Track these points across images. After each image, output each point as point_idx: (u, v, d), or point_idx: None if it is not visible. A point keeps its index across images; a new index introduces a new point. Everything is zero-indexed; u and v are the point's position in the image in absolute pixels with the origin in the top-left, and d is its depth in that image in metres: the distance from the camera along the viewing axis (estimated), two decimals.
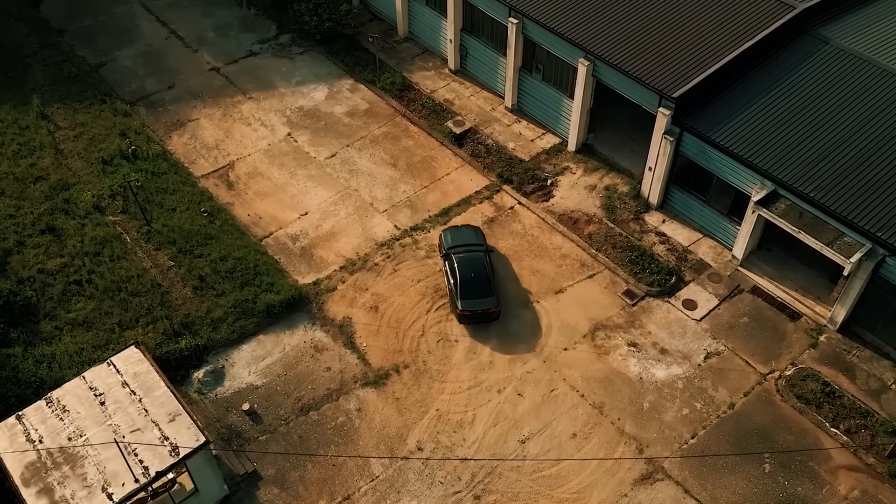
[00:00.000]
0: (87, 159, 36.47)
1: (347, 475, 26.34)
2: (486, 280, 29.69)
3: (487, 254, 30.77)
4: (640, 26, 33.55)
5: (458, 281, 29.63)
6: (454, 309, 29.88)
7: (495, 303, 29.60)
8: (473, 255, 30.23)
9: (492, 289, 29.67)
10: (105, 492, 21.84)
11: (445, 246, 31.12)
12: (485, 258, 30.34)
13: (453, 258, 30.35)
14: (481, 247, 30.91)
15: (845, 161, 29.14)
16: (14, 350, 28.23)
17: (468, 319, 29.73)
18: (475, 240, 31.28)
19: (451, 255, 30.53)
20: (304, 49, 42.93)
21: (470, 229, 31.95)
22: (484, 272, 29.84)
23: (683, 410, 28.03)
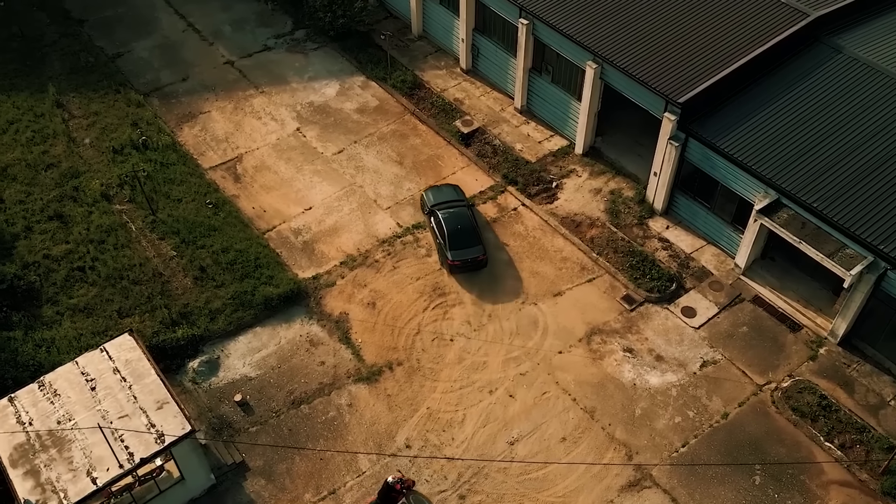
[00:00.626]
0: (98, 148, 36.98)
1: (334, 469, 26.46)
2: (472, 231, 31.48)
3: (470, 208, 32.73)
4: (650, 30, 33.29)
5: (446, 234, 31.23)
6: (444, 261, 31.59)
7: (482, 251, 31.40)
8: (457, 210, 31.98)
9: (478, 238, 31.53)
10: (90, 476, 22.14)
11: (429, 203, 32.77)
12: (468, 212, 32.13)
13: (438, 214, 31.93)
14: (463, 202, 32.71)
15: (852, 172, 28.69)
16: (15, 333, 28.71)
17: (458, 269, 31.39)
18: (457, 196, 32.96)
19: (435, 211, 32.16)
20: (318, 45, 43.17)
21: (450, 187, 33.62)
22: (469, 224, 31.62)
23: (676, 418, 27.78)
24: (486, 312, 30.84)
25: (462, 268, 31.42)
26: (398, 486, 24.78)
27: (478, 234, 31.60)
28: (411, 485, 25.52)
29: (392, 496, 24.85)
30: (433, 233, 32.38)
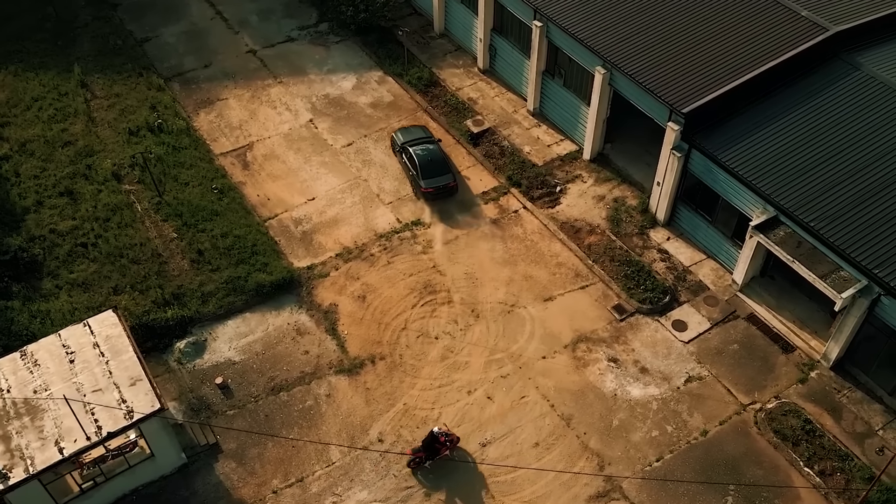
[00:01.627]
0: (115, 129, 37.89)
1: (305, 458, 26.72)
2: (442, 161, 34.38)
3: (438, 143, 35.38)
4: (662, 39, 32.82)
5: (418, 165, 34.06)
6: (417, 190, 34.53)
7: (452, 178, 34.24)
8: (427, 145, 34.87)
9: (447, 168, 34.34)
10: (57, 445, 22.76)
11: (399, 142, 35.43)
12: (437, 146, 34.99)
13: (410, 149, 34.66)
14: (432, 138, 35.41)
15: (855, 192, 27.90)
16: (13, 303, 29.63)
17: (431, 196, 34.19)
18: (425, 134, 35.69)
19: (406, 147, 34.88)
20: (340, 38, 43.54)
21: (418, 127, 36.47)
22: (439, 156, 34.53)
23: (653, 432, 27.38)
24: (475, 313, 30.79)
25: (435, 195, 34.12)
26: (442, 438, 25.62)
27: (447, 164, 34.46)
28: (456, 440, 26.21)
29: (436, 447, 25.66)
30: (405, 167, 35.15)
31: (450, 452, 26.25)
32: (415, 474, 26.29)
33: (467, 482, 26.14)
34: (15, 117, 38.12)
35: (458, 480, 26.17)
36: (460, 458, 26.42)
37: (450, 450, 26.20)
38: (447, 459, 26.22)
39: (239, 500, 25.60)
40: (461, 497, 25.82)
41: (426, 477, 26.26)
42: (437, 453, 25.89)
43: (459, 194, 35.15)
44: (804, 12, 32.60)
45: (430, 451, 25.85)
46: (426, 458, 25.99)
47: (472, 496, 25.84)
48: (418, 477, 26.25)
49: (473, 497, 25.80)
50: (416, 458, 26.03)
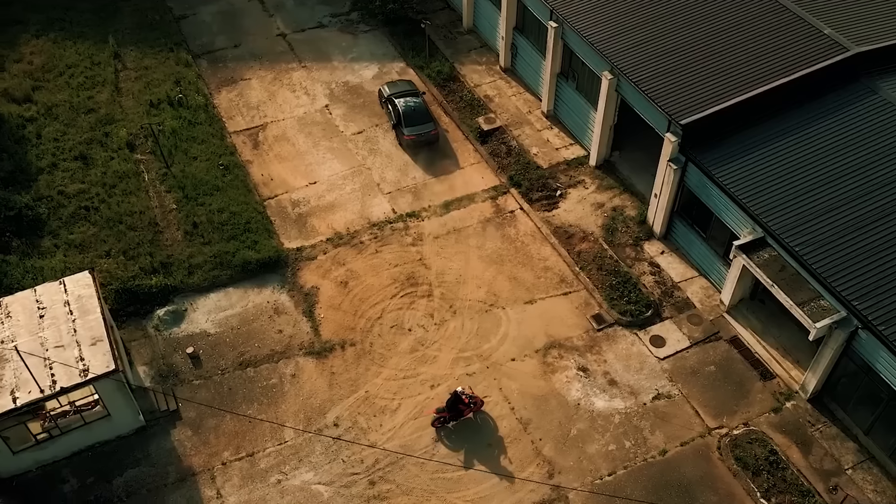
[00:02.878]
0: (138, 100, 39.13)
1: (259, 434, 27.14)
2: (424, 112, 36.36)
3: (422, 96, 37.30)
4: (673, 48, 32.02)
5: (401, 114, 36.02)
6: (401, 138, 36.35)
7: (433, 127, 36.28)
8: (411, 97, 36.78)
9: (429, 117, 36.37)
10: (12, 395, 23.71)
11: (385, 94, 37.47)
12: (420, 98, 36.88)
13: (394, 100, 36.60)
14: (416, 91, 37.42)
15: (849, 221, 26.71)
16: (10, 258, 30.95)
17: (413, 143, 36.15)
18: (410, 88, 37.70)
19: (392, 98, 36.85)
20: (370, 28, 43.91)
21: (405, 82, 38.49)
22: (422, 107, 36.49)
23: (610, 446, 26.83)
24: (452, 309, 30.71)
25: (417, 143, 36.05)
26: (466, 399, 26.24)
27: (429, 114, 36.40)
28: (480, 403, 26.93)
29: (459, 408, 26.27)
30: (390, 117, 37.07)
31: (473, 416, 26.94)
32: (438, 434, 26.79)
33: (414, 476, 26.12)
34: (47, 82, 39.73)
35: (406, 474, 26.17)
36: (411, 464, 26.42)
37: (473, 412, 26.88)
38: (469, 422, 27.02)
39: (188, 467, 26.19)
40: (405, 489, 25.82)
41: (486, 420, 27.11)
42: (460, 414, 26.56)
43: (456, 190, 35.08)
44: (827, 30, 31.33)
45: (454, 412, 26.44)
46: (450, 419, 26.60)
47: (416, 489, 25.80)
48: (440, 436, 26.79)
49: (418, 491, 25.76)
50: (441, 418, 26.60)
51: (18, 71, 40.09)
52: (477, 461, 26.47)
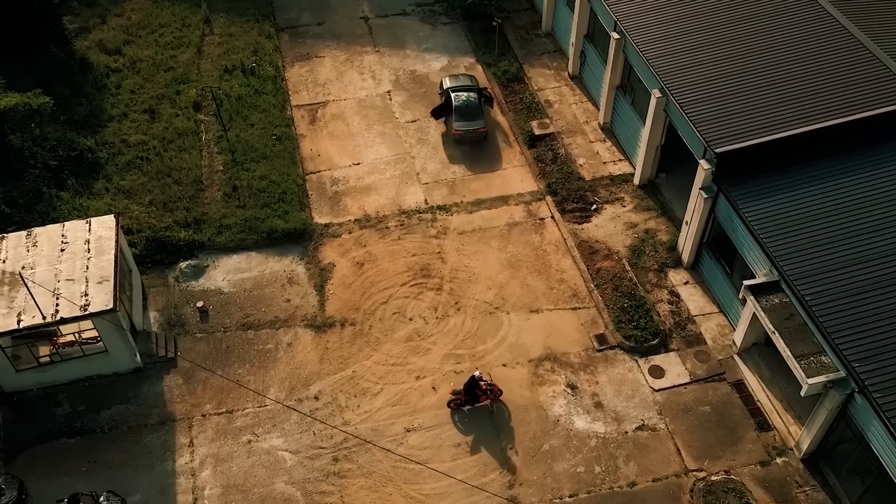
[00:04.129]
0: (215, 64, 41.08)
1: (243, 394, 28.17)
2: (477, 109, 36.46)
3: (479, 91, 37.21)
4: (728, 74, 30.66)
5: (453, 108, 36.23)
6: (450, 131, 36.82)
7: (483, 125, 36.32)
8: (468, 93, 36.96)
9: (481, 115, 36.45)
10: (18, 317, 25.67)
11: (444, 87, 37.76)
12: (476, 94, 36.88)
13: (451, 94, 36.82)
14: (474, 87, 37.42)
15: (868, 279, 24.92)
16: (64, 194, 33.33)
17: (461, 137, 36.42)
18: (470, 83, 37.69)
19: (449, 91, 37.09)
20: (450, 21, 44.26)
21: (467, 76, 38.53)
22: (475, 103, 36.54)
23: (579, 468, 26.23)
24: (458, 306, 30.76)
25: (464, 137, 36.38)
26: (483, 385, 26.66)
27: (481, 112, 36.44)
28: (498, 392, 27.36)
29: (476, 392, 26.74)
30: (445, 111, 37.05)
31: (490, 404, 27.28)
32: (452, 415, 27.25)
33: (377, 461, 26.44)
34: (139, 38, 42.30)
35: (370, 457, 26.52)
36: (378, 449, 26.77)
37: (490, 400, 27.25)
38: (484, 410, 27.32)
39: (170, 413, 27.56)
40: (365, 471, 26.20)
41: (463, 420, 27.29)
42: (476, 399, 26.99)
43: (492, 189, 35.01)
44: None
45: (470, 396, 26.88)
46: (465, 402, 27.05)
47: (376, 474, 26.13)
48: (454, 418, 27.16)
49: (377, 475, 26.09)
50: (456, 400, 27.09)
51: (116, 25, 42.85)
52: (441, 458, 26.50)
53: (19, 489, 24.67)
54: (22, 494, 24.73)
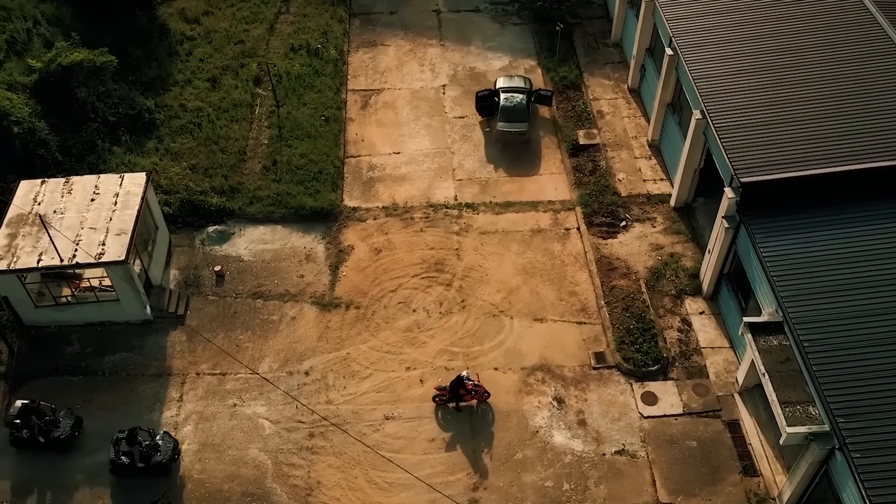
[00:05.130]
0: (284, 42, 42.41)
1: (239, 359, 29.11)
2: (522, 111, 36.38)
3: (532, 93, 37.43)
4: (774, 102, 29.34)
5: (499, 109, 36.28)
6: (493, 130, 36.85)
7: (526, 128, 36.22)
8: (517, 94, 36.83)
9: (525, 118, 36.34)
10: (39, 257, 27.43)
11: (496, 86, 37.57)
12: (524, 97, 36.86)
13: (500, 94, 36.84)
14: (526, 90, 37.24)
15: (873, 334, 23.41)
16: (116, 150, 35.25)
17: (502, 138, 36.51)
18: (522, 85, 37.52)
19: (499, 91, 37.10)
20: (520, 21, 44.08)
21: (521, 78, 38.40)
22: (522, 105, 36.47)
23: (548, 482, 25.87)
24: (463, 304, 30.78)
25: (504, 138, 36.39)
26: (469, 385, 26.70)
27: (526, 115, 36.29)
28: (484, 394, 27.26)
29: (460, 392, 26.77)
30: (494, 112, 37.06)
31: (475, 405, 27.23)
32: (435, 410, 27.46)
33: (351, 443, 26.83)
34: (219, 10, 44.10)
35: (344, 439, 26.94)
36: (353, 432, 27.19)
37: (476, 400, 27.18)
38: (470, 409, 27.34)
39: (168, 367, 28.84)
40: (337, 451, 26.68)
41: (444, 416, 27.34)
42: (460, 398, 27.00)
43: (524, 194, 34.78)
44: None
45: (454, 394, 26.90)
46: (449, 400, 27.11)
47: (346, 455, 26.56)
48: (437, 414, 27.39)
49: (347, 456, 26.52)
50: (441, 396, 27.19)
51: None
52: (413, 450, 26.67)
53: (74, 424, 26.25)
54: (76, 431, 26.32)
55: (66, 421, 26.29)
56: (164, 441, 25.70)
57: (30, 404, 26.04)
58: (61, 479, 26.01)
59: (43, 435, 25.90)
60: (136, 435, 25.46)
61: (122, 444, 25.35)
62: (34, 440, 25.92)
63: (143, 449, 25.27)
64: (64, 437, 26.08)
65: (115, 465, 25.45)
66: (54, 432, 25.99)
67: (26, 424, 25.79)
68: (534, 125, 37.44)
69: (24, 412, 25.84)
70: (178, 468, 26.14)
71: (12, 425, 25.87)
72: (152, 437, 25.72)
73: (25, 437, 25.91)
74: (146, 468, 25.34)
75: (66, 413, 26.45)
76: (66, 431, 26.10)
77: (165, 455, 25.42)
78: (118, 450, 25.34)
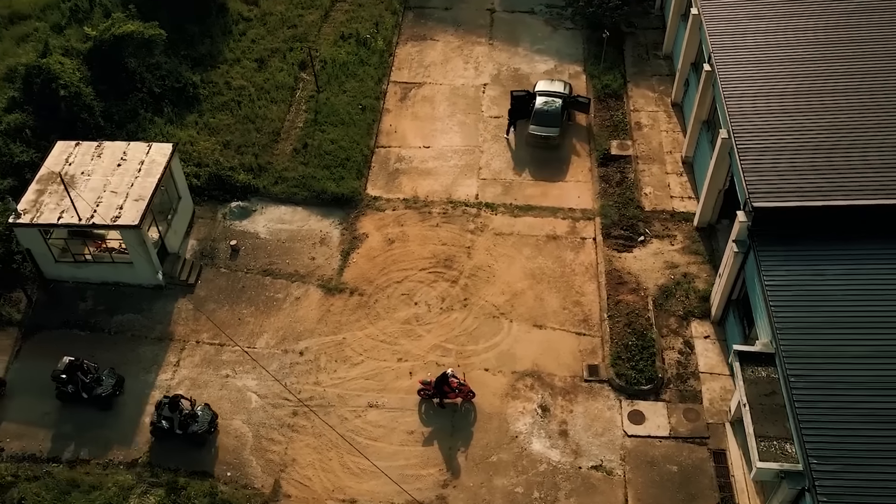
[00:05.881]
0: (335, 29, 43.14)
1: (236, 331, 29.91)
2: (555, 117, 36.18)
3: (570, 99, 37.12)
4: (803, 126, 28.25)
5: (532, 111, 36.25)
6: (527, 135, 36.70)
7: (556, 133, 35.93)
8: (553, 98, 36.74)
9: (557, 123, 36.10)
10: (60, 215, 28.80)
11: (532, 89, 37.64)
12: (560, 102, 36.61)
13: (536, 97, 36.80)
14: (563, 95, 37.05)
15: (863, 378, 22.39)
16: (158, 120, 36.62)
17: (532, 140, 36.34)
18: (561, 90, 37.35)
19: (536, 94, 37.09)
20: (573, 27, 43.64)
21: (561, 82, 38.30)
22: (556, 111, 36.29)
23: (518, 488, 25.70)
24: (465, 302, 30.81)
25: (534, 141, 36.26)
26: (454, 383, 26.71)
27: (558, 121, 36.06)
28: (469, 393, 27.15)
29: (444, 389, 26.84)
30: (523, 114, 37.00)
31: (460, 403, 27.26)
32: (419, 404, 27.56)
33: (332, 426, 27.21)
34: None
35: (325, 423, 27.33)
36: (336, 415, 27.57)
37: (461, 399, 27.19)
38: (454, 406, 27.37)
39: (170, 332, 29.87)
40: (316, 432, 27.13)
41: (427, 411, 27.44)
42: (444, 395, 27.07)
43: (546, 199, 34.48)
44: None
45: (439, 391, 27.03)
46: (434, 395, 27.20)
47: (325, 437, 26.98)
48: (420, 407, 27.51)
49: (325, 439, 26.93)
50: (425, 390, 27.31)
51: None
52: (390, 440, 26.89)
53: (115, 384, 27.34)
54: (117, 390, 27.42)
55: (108, 380, 27.19)
56: (203, 413, 26.28)
57: (75, 361, 26.92)
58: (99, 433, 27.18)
59: (86, 391, 26.82)
60: (178, 402, 26.14)
61: (164, 408, 26.07)
62: (78, 396, 26.87)
63: (182, 417, 25.91)
64: (106, 395, 26.98)
65: (155, 428, 26.21)
66: (97, 389, 26.91)
67: (72, 380, 26.78)
68: (567, 131, 37.04)
69: (69, 368, 26.76)
70: (214, 440, 26.59)
71: (59, 380, 26.85)
72: (192, 407, 26.33)
73: (70, 392, 26.90)
74: (183, 436, 25.97)
75: (108, 372, 27.38)
76: (107, 390, 27.02)
77: (202, 426, 26.00)
78: (160, 413, 26.09)
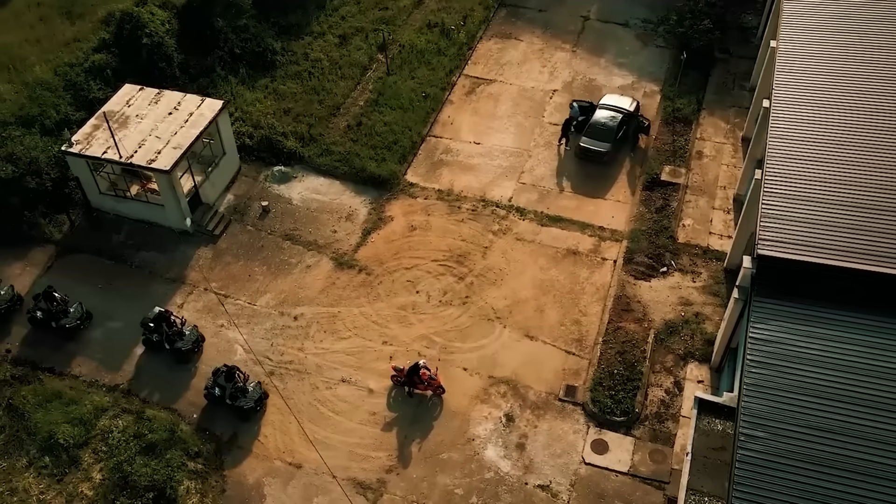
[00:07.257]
0: (424, 19, 43.83)
1: (243, 286, 31.30)
2: (609, 131, 34.97)
3: (627, 116, 35.58)
4: (841, 180, 26.22)
5: (588, 123, 35.39)
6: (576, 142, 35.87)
7: (607, 148, 34.74)
8: (613, 112, 35.66)
9: (610, 140, 34.78)
10: (105, 150, 31.14)
11: (595, 102, 36.80)
12: (618, 118, 35.34)
13: (596, 109, 36.03)
14: (624, 112, 35.72)
15: (826, 454, 20.77)
16: (232, 79, 38.67)
17: (579, 153, 35.50)
18: (627, 109, 36.02)
19: (595, 106, 36.35)
20: (664, 45, 42.29)
21: (627, 98, 36.92)
22: (613, 127, 35.04)
23: (459, 489, 25.64)
24: (464, 299, 30.81)
25: (581, 154, 35.35)
26: (425, 376, 27.07)
27: (611, 137, 34.77)
28: (438, 388, 27.29)
29: (414, 379, 27.26)
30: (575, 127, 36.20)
31: (429, 395, 27.56)
32: (391, 389, 28.00)
33: (302, 392, 28.10)
34: None
35: (299, 385, 28.27)
36: (308, 382, 28.39)
37: (431, 391, 27.46)
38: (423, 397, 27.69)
39: (184, 276, 31.67)
40: (286, 395, 28.04)
41: (395, 397, 27.84)
42: (414, 385, 27.42)
43: (580, 213, 33.81)
44: None
45: (409, 380, 27.47)
46: (404, 383, 27.62)
47: (292, 400, 27.87)
48: (390, 392, 27.98)
49: (293, 403, 27.81)
50: (397, 377, 27.72)
51: None
52: (351, 416, 27.43)
53: (196, 341, 28.62)
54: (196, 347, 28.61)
55: (191, 335, 28.64)
56: (254, 390, 27.19)
57: (164, 313, 28.58)
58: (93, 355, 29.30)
59: (168, 343, 28.50)
60: (234, 374, 27.25)
61: (221, 377, 27.20)
62: (161, 345, 28.57)
63: (233, 389, 26.96)
64: (185, 350, 28.47)
65: (209, 393, 27.43)
66: (178, 343, 28.50)
67: (158, 330, 28.59)
68: (622, 149, 36.05)
69: (158, 318, 28.46)
70: (259, 418, 27.41)
71: (147, 328, 28.65)
72: (244, 382, 27.27)
73: (155, 340, 28.73)
74: (232, 407, 27.04)
75: (192, 329, 28.83)
76: (188, 345, 28.46)
77: (249, 403, 26.93)
78: (216, 381, 27.24)
